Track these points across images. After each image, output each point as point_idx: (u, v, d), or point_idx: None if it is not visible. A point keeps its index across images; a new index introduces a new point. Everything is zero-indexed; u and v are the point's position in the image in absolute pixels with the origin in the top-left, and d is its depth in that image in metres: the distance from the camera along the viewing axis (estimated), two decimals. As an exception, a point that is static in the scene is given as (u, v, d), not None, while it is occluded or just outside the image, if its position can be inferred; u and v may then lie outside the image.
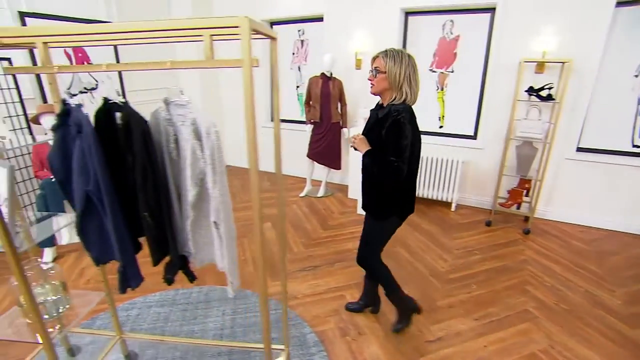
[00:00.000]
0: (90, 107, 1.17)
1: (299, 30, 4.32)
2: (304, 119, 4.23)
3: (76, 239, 3.08)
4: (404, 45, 4.05)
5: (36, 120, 2.95)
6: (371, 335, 2.17)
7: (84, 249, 1.37)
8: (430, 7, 3.77)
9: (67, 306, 1.69)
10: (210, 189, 1.10)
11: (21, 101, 3.17)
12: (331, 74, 3.80)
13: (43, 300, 1.60)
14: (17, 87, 3.16)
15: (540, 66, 3.29)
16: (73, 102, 1.24)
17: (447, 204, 4.09)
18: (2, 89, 3.00)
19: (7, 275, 2.80)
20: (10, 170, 1.31)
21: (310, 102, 3.88)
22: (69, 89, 3.73)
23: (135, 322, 2.25)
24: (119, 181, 1.23)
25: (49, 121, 2.93)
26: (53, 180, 2.92)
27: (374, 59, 1.71)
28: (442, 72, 3.96)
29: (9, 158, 3.01)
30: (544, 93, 3.22)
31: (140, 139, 1.09)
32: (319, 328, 2.20)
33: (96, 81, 3.97)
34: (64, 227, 1.73)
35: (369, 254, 2.03)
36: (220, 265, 1.25)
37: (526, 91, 3.29)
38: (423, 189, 4.11)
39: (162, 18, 4.59)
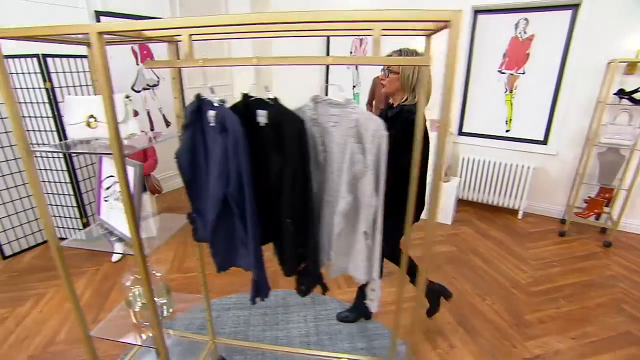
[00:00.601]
0: (152, 103, 1.11)
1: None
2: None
3: (152, 234, 3.10)
4: (471, 46, 3.88)
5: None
6: (463, 349, 2.06)
7: (211, 254, 1.32)
8: (504, 5, 3.58)
9: (171, 310, 1.66)
10: (368, 197, 1.01)
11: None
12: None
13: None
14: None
15: (632, 67, 3.06)
16: (213, 97, 1.19)
17: (513, 211, 3.89)
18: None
19: (80, 268, 2.84)
20: (139, 168, 1.27)
21: (373, 102, 3.77)
22: (133, 85, 3.78)
23: (216, 325, 2.21)
24: (255, 184, 1.17)
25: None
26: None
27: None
28: (511, 74, 3.77)
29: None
30: (637, 96, 2.98)
31: (296, 140, 1.02)
32: (407, 339, 2.10)
33: (157, 78, 4.01)
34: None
35: (394, 248, 1.91)
36: (361, 277, 1.17)
37: (615, 94, 3.06)
38: (487, 195, 3.93)
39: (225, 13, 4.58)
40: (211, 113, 1.19)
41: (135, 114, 2.10)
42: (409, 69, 1.55)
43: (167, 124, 4.16)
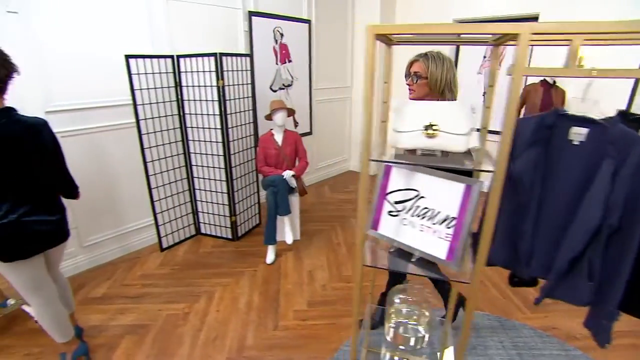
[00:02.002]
0: (286, 103, 0.95)
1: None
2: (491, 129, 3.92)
3: (297, 237, 3.02)
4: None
5: (270, 117, 2.97)
6: None
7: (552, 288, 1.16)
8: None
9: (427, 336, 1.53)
10: None
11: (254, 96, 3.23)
12: (554, 81, 3.38)
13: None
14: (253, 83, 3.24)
15: None
16: (587, 113, 1.02)
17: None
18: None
19: (234, 267, 2.83)
20: (478, 186, 1.13)
21: (522, 111, 3.50)
22: (271, 85, 3.78)
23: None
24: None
25: (281, 117, 2.94)
26: (284, 177, 2.92)
27: (412, 63, 1.60)
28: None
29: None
30: None
31: None
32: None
33: (292, 78, 3.99)
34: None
35: None
36: None
37: None
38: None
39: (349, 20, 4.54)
40: (578, 130, 1.02)
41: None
42: (437, 73, 1.52)
43: (296, 124, 4.14)
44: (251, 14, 3.38)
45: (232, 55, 2.82)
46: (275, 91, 3.82)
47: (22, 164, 1.53)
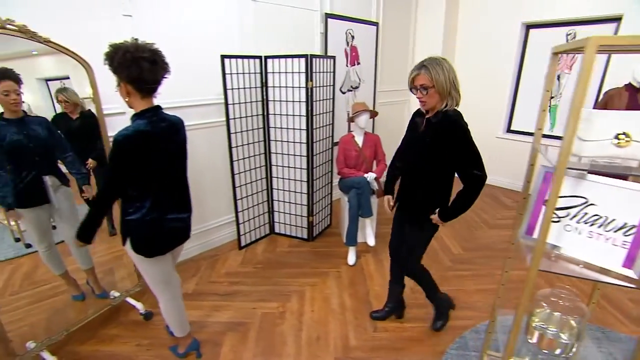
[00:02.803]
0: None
1: (567, 35, 3.87)
2: (552, 134, 4.10)
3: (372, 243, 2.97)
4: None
5: (352, 119, 2.97)
6: None
7: None
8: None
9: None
10: None
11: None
12: (641, 85, 3.26)
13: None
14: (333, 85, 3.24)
15: None
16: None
17: None
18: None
19: (316, 268, 2.79)
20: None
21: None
22: (341, 87, 3.79)
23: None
24: None
25: (364, 119, 2.93)
26: (368, 179, 2.90)
27: (414, 77, 1.64)
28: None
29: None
30: None
31: None
32: None
33: (359, 80, 3.99)
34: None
35: (416, 263, 2.04)
36: None
37: None
38: None
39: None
40: None
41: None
42: (443, 78, 1.56)
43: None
44: (327, 15, 3.40)
45: (320, 57, 2.84)
46: (344, 93, 3.82)
47: (166, 160, 1.57)
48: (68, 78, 2.11)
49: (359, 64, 3.89)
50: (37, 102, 2.04)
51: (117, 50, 1.37)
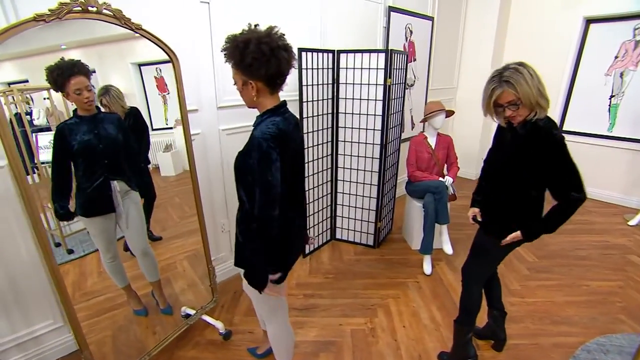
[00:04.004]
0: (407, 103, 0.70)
1: (635, 29, 3.69)
2: (611, 134, 3.98)
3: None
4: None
5: (426, 119, 2.79)
6: None
7: None
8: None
9: None
10: None
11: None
12: None
13: None
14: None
15: None
16: None
17: None
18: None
19: (393, 278, 2.58)
20: None
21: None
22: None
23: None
24: None
25: (440, 120, 2.75)
26: (447, 184, 2.72)
27: (495, 95, 1.38)
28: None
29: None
30: None
31: None
32: None
33: (414, 77, 3.80)
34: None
35: (479, 271, 1.77)
36: None
37: None
38: None
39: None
40: None
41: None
42: (528, 90, 1.33)
43: (412, 125, 3.95)
44: (390, 9, 3.21)
45: (399, 52, 2.64)
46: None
47: (301, 164, 1.38)
48: (94, 72, 1.68)
49: (415, 60, 3.70)
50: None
51: (247, 42, 1.09)
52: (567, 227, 3.50)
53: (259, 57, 1.10)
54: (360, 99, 2.69)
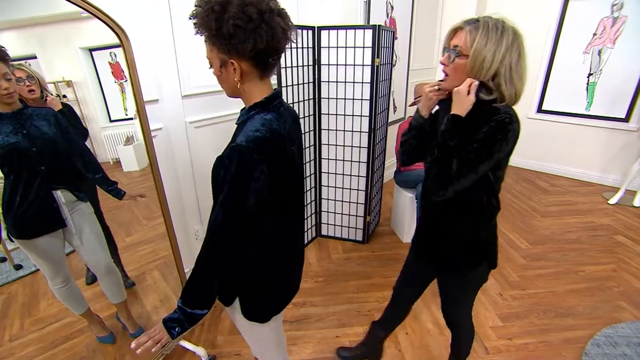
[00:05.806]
0: None
1: (613, 5, 3.62)
2: (588, 113, 3.98)
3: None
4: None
5: (415, 103, 2.56)
6: None
7: None
8: None
9: None
10: None
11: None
12: None
13: None
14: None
15: None
16: None
17: None
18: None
19: (393, 277, 2.42)
20: None
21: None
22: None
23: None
24: None
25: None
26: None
27: (455, 30, 1.04)
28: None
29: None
30: None
31: None
32: None
33: (396, 57, 3.54)
34: None
35: (465, 314, 1.50)
36: None
37: None
38: None
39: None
40: None
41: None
42: (487, 50, 0.97)
43: (395, 108, 3.72)
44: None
45: (386, 29, 2.37)
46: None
47: (301, 171, 1.09)
48: (35, 57, 1.40)
49: (396, 38, 3.44)
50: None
51: (226, 3, 0.76)
52: (553, 209, 3.53)
53: (243, 25, 0.76)
54: (345, 82, 2.40)
